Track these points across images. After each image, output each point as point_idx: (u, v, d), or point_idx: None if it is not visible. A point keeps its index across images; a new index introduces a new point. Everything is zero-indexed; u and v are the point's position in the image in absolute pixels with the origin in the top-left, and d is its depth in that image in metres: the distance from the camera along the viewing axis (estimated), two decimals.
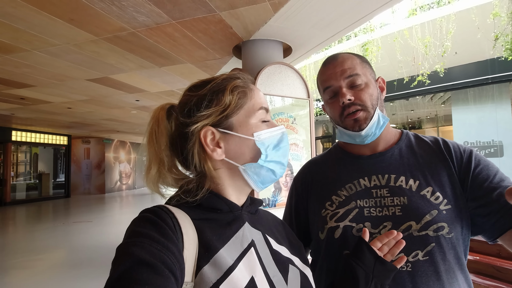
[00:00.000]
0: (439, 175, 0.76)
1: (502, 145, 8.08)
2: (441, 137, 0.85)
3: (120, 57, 3.82)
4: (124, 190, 15.61)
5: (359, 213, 0.78)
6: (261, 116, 0.62)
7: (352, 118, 0.79)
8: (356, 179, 0.82)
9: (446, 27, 5.50)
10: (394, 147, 0.84)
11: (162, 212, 0.51)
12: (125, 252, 0.45)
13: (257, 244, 0.58)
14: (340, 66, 0.81)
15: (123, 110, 7.61)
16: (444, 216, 0.71)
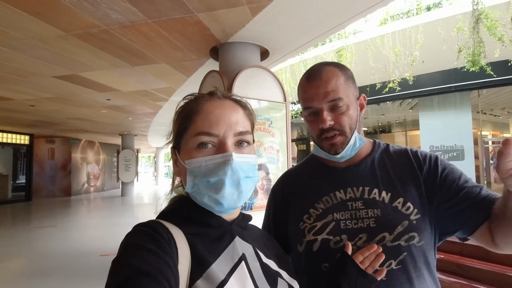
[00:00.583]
0: (408, 185, 0.80)
1: (463, 149, 8.64)
2: (409, 146, 0.90)
3: (91, 54, 3.64)
4: (92, 192, 14.89)
5: (336, 226, 0.80)
6: (198, 141, 0.57)
7: (329, 143, 0.80)
8: (332, 192, 0.84)
9: (415, 37, 5.81)
10: (367, 158, 0.86)
11: (158, 226, 0.52)
12: (124, 262, 0.45)
13: (248, 258, 0.58)
14: (324, 86, 0.79)
15: (93, 109, 7.27)
16: (414, 226, 0.76)
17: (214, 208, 0.57)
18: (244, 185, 0.57)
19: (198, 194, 0.57)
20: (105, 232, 6.26)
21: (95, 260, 4.21)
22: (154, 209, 9.88)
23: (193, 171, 0.57)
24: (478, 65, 5.01)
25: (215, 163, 0.56)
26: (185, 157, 0.59)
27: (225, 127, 0.58)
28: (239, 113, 0.62)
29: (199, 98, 0.63)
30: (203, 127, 0.58)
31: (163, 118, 8.36)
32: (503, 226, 0.67)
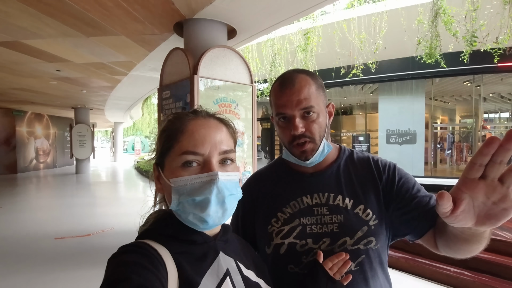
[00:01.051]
0: (369, 193, 0.86)
1: (416, 134, 9.32)
2: (370, 156, 0.96)
3: (36, 20, 3.23)
4: (42, 169, 13.84)
5: (302, 230, 0.84)
6: (183, 160, 0.58)
7: (300, 150, 0.84)
8: (300, 197, 0.88)
9: (379, 25, 5.98)
10: (333, 165, 0.91)
11: (147, 247, 0.53)
12: (122, 279, 0.45)
13: (231, 272, 0.60)
14: (297, 94, 0.82)
15: (40, 80, 6.59)
16: (372, 231, 0.83)
17: (199, 225, 0.58)
18: (228, 203, 0.58)
19: (183, 212, 0.58)
20: (59, 213, 5.90)
21: (49, 244, 3.98)
22: (115, 192, 9.49)
23: (178, 189, 0.57)
24: (434, 58, 5.34)
25: (200, 182, 0.57)
26: (170, 175, 0.59)
27: (210, 146, 0.59)
28: (223, 132, 0.63)
29: (183, 117, 0.63)
30: (188, 146, 0.58)
31: (122, 92, 7.86)
32: (443, 237, 0.75)
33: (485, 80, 9.37)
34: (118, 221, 5.06)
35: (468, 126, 13.42)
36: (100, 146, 42.51)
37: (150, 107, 17.74)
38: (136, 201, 7.65)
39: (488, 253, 2.99)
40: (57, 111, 13.39)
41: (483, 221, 0.49)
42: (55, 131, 15.01)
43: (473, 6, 4.89)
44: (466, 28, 5.02)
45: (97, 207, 6.68)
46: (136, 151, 24.01)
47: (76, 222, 5.09)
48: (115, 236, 4.28)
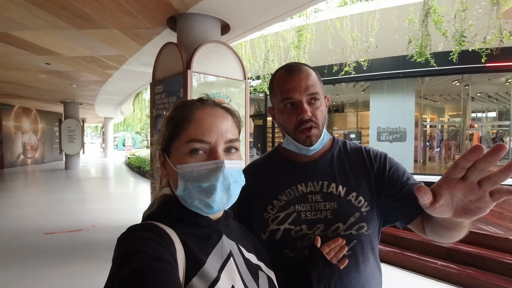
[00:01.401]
0: (361, 181, 0.90)
1: (406, 132, 9.47)
2: (363, 145, 1.00)
3: (25, 11, 3.17)
4: (29, 164, 13.56)
5: (297, 217, 0.87)
6: (190, 147, 0.60)
7: (306, 134, 0.86)
8: (295, 185, 0.91)
9: (371, 24, 6.04)
10: (327, 155, 0.95)
11: (155, 226, 0.54)
12: (135, 252, 0.47)
13: (234, 254, 0.63)
14: (305, 80, 0.85)
15: (28, 73, 6.45)
16: (364, 217, 0.87)
17: (204, 210, 0.60)
18: (233, 190, 0.61)
19: (189, 197, 0.60)
20: (48, 208, 5.81)
21: (39, 239, 3.93)
22: (105, 188, 9.39)
23: (185, 175, 0.59)
24: (424, 57, 5.45)
25: (207, 169, 0.59)
26: (176, 162, 0.61)
27: (216, 135, 0.61)
28: (229, 121, 0.65)
29: (191, 105, 0.64)
30: (195, 134, 0.60)
31: (113, 87, 7.76)
32: (430, 223, 0.80)
33: (473, 80, 9.56)
34: (109, 216, 5.02)
35: (456, 125, 13.71)
36: (90, 142, 41.89)
37: (142, 103, 17.56)
38: (127, 196, 7.60)
39: (473, 247, 3.08)
40: (46, 106, 13.12)
41: (460, 214, 0.54)
42: (43, 126, 14.71)
43: (462, 6, 5.00)
44: (456, 28, 5.13)
45: (87, 202, 6.60)
46: (127, 147, 23.74)
47: (66, 217, 5.03)
48: (106, 231, 4.25)
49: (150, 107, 3.45)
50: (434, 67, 6.15)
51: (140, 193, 7.93)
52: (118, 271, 0.45)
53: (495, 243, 3.03)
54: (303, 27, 6.30)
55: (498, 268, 2.80)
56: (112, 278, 0.45)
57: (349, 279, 0.85)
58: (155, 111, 3.34)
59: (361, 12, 6.33)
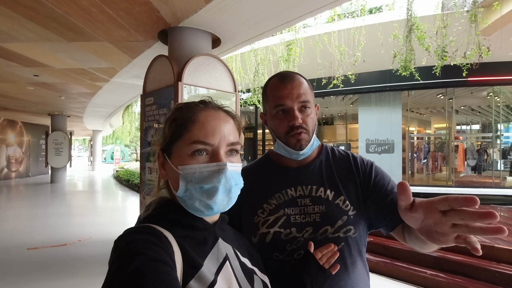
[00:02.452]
0: (348, 186, 0.93)
1: (394, 143, 9.65)
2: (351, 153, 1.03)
3: (15, 23, 3.16)
4: (13, 178, 13.18)
5: (286, 220, 0.90)
6: (192, 149, 0.60)
7: (296, 138, 0.89)
8: (284, 189, 0.93)
9: (358, 39, 6.26)
10: (316, 160, 0.98)
11: (152, 228, 0.55)
12: (133, 253, 0.47)
13: (230, 258, 0.63)
14: (297, 88, 0.89)
15: (16, 85, 6.36)
16: (351, 220, 0.89)
17: (204, 212, 0.61)
18: (233, 192, 0.62)
19: (189, 198, 0.60)
20: (32, 223, 5.64)
21: (22, 255, 3.79)
22: (93, 201, 9.17)
23: (187, 176, 0.60)
24: (408, 70, 5.67)
25: (209, 171, 0.60)
26: (178, 163, 0.61)
27: (219, 137, 0.61)
28: (230, 124, 0.66)
29: (194, 107, 0.65)
30: (199, 136, 0.61)
31: (103, 99, 7.71)
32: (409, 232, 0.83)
33: (457, 93, 9.90)
34: (96, 230, 4.90)
35: (442, 137, 14.05)
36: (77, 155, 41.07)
37: (131, 115, 17.41)
38: (115, 210, 7.43)
39: (461, 255, 3.13)
40: (32, 118, 12.88)
41: (421, 232, 0.59)
42: (29, 139, 14.40)
43: (443, 23, 5.26)
44: (437, 43, 5.37)
45: (74, 216, 6.43)
46: (116, 160, 23.37)
47: (51, 232, 4.88)
48: (93, 245, 4.14)
49: (141, 119, 3.45)
50: (419, 80, 6.38)
51: (128, 207, 7.77)
52: (116, 273, 0.45)
53: (482, 251, 3.08)
54: (292, 41, 6.46)
55: (485, 276, 2.85)
56: (110, 280, 0.45)
57: (338, 281, 0.87)
58: (145, 123, 3.33)
59: (348, 28, 6.57)
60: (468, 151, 10.87)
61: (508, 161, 11.13)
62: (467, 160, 10.78)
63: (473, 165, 11.07)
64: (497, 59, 7.42)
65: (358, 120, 10.44)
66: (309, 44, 6.83)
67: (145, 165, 3.27)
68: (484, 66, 5.77)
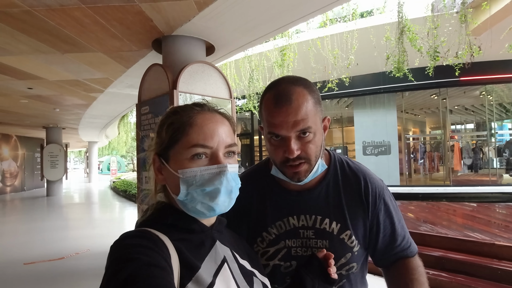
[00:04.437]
0: (357, 219, 0.85)
1: (390, 145, 9.70)
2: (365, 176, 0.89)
3: (7, 36, 3.16)
4: (8, 193, 13.00)
5: (287, 253, 0.84)
6: (192, 152, 0.60)
7: (293, 171, 0.77)
8: (286, 217, 0.85)
9: (351, 42, 6.33)
10: (322, 183, 0.86)
11: (148, 232, 0.55)
12: (128, 259, 0.47)
13: (228, 260, 0.63)
14: (293, 114, 0.73)
15: (9, 98, 6.33)
16: (355, 257, 0.84)
17: (206, 214, 0.61)
18: (234, 193, 0.63)
19: (191, 201, 0.60)
20: (29, 238, 5.54)
21: (18, 270, 3.72)
22: (90, 213, 9.07)
23: (188, 180, 0.59)
24: (402, 72, 5.74)
25: (210, 173, 0.60)
26: (177, 167, 0.61)
27: (218, 140, 0.62)
28: (227, 126, 0.66)
29: (190, 110, 0.64)
30: (198, 140, 0.60)
31: (98, 110, 7.68)
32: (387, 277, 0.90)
33: (450, 93, 10.00)
34: (93, 243, 4.83)
35: (438, 137, 14.15)
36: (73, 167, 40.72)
37: (127, 126, 17.36)
38: (112, 221, 7.35)
39: (462, 254, 3.12)
40: (27, 131, 12.79)
41: None
42: (24, 152, 14.26)
43: (434, 25, 5.36)
44: (429, 44, 5.45)
45: (71, 229, 6.35)
46: (112, 171, 23.18)
47: (48, 246, 4.80)
48: (91, 258, 4.08)
49: (136, 128, 3.44)
50: (412, 81, 6.45)
51: (126, 217, 7.69)
52: (111, 278, 0.45)
53: (483, 249, 3.08)
54: (286, 47, 6.51)
55: (487, 274, 2.84)
56: (105, 286, 0.45)
57: None
58: (142, 132, 3.32)
59: (340, 32, 6.64)
60: (464, 150, 10.95)
61: (503, 158, 11.22)
62: (463, 159, 10.85)
63: (470, 164, 11.14)
64: (488, 58, 7.53)
65: (354, 123, 10.49)
66: (302, 49, 6.88)
67: (142, 174, 3.25)
68: (475, 65, 5.85)
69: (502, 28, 5.60)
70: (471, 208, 5.32)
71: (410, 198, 7.62)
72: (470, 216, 4.62)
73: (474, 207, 5.48)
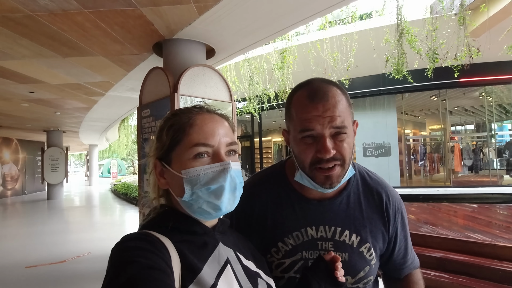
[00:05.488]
0: (377, 232, 0.83)
1: (390, 146, 9.71)
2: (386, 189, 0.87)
3: (9, 41, 3.18)
4: (9, 196, 13.00)
5: (303, 265, 0.80)
6: (194, 152, 0.60)
7: (325, 174, 0.72)
8: (304, 227, 0.81)
9: (350, 45, 6.37)
10: (343, 193, 0.83)
11: (148, 235, 0.55)
12: (128, 261, 0.47)
13: (231, 261, 0.63)
14: (331, 110, 0.70)
15: (11, 102, 6.35)
16: (373, 270, 0.83)
17: (212, 213, 0.61)
18: (238, 190, 0.63)
19: (196, 201, 0.60)
20: (29, 241, 5.55)
21: (20, 273, 3.72)
22: (91, 217, 9.08)
23: (191, 180, 0.59)
24: (401, 73, 5.77)
25: (214, 171, 0.60)
26: (180, 168, 0.61)
27: (218, 138, 0.62)
28: (226, 125, 0.66)
29: (189, 112, 0.65)
30: (199, 139, 0.61)
31: (98, 113, 7.71)
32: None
33: (450, 94, 10.02)
34: (94, 246, 4.83)
35: (438, 138, 14.16)
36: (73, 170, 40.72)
37: (128, 129, 17.38)
38: (113, 224, 7.35)
39: (463, 255, 3.12)
40: (28, 135, 12.81)
41: None
42: (24, 156, 14.28)
43: (433, 27, 5.40)
44: (428, 46, 5.49)
45: (72, 233, 6.35)
46: (113, 174, 23.19)
47: (49, 249, 4.80)
48: (92, 261, 4.08)
49: (138, 131, 3.45)
50: (412, 83, 6.48)
51: (127, 220, 7.70)
52: (111, 282, 0.46)
53: (484, 250, 3.08)
54: (286, 49, 6.55)
55: (488, 275, 2.84)
56: None
57: None
58: (143, 135, 3.34)
59: (340, 34, 6.68)
60: (464, 151, 10.95)
61: (503, 159, 11.22)
62: (464, 160, 10.85)
63: (470, 165, 11.13)
64: (486, 60, 7.56)
65: None
66: (302, 51, 6.92)
67: (144, 177, 3.26)
68: (474, 66, 5.87)
69: (500, 29, 5.64)
70: (472, 209, 5.32)
71: (411, 200, 7.61)
72: (471, 217, 4.62)
73: (474, 208, 5.48)
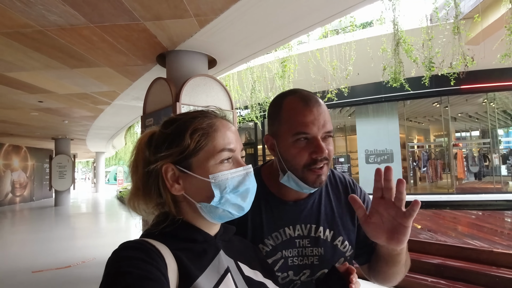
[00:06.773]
0: (347, 224, 0.90)
1: (393, 153, 9.71)
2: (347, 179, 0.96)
3: (21, 54, 3.35)
4: (18, 203, 13.23)
5: (284, 263, 0.84)
6: (222, 157, 0.61)
7: (316, 174, 0.78)
8: (282, 228, 0.86)
9: (349, 54, 6.49)
10: (315, 193, 0.89)
11: (144, 243, 0.54)
12: (122, 272, 0.47)
13: (232, 270, 0.62)
14: (323, 115, 0.78)
15: (21, 111, 6.56)
16: (348, 262, 0.87)
17: (235, 214, 0.63)
18: (255, 192, 0.66)
19: (223, 205, 0.61)
20: (37, 247, 5.67)
21: (27, 278, 3.83)
22: (96, 223, 9.19)
23: (220, 184, 0.60)
24: (398, 82, 5.86)
25: (240, 175, 0.63)
26: (206, 172, 0.60)
27: (238, 144, 0.65)
28: (236, 131, 0.69)
29: (209, 116, 0.66)
30: (225, 144, 0.62)
31: (105, 121, 7.88)
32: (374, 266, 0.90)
33: (452, 101, 10.03)
34: (99, 252, 4.93)
35: (442, 144, 14.10)
36: (80, 177, 41.15)
37: (134, 136, 17.59)
38: (118, 231, 7.44)
39: (461, 261, 3.14)
40: (36, 143, 13.08)
41: (392, 236, 0.68)
42: (33, 163, 14.56)
43: (428, 36, 5.50)
44: (424, 55, 5.58)
45: (77, 239, 6.46)
46: (119, 181, 23.41)
47: (55, 255, 4.91)
48: (97, 267, 4.17)
49: None
50: (409, 91, 6.55)
51: (132, 227, 7.78)
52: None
53: (481, 257, 3.10)
54: (287, 58, 6.69)
55: (485, 281, 2.85)
56: None
57: None
58: None
59: (338, 44, 6.83)
60: (469, 158, 10.89)
61: (509, 165, 11.12)
62: (470, 166, 10.79)
63: (474, 172, 11.06)
64: (488, 67, 7.60)
65: (356, 132, 10.54)
66: (302, 60, 7.06)
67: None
68: (475, 73, 5.95)
69: (495, 38, 5.70)
70: (475, 216, 5.31)
71: None
72: (472, 224, 4.62)
73: (476, 215, 5.47)
